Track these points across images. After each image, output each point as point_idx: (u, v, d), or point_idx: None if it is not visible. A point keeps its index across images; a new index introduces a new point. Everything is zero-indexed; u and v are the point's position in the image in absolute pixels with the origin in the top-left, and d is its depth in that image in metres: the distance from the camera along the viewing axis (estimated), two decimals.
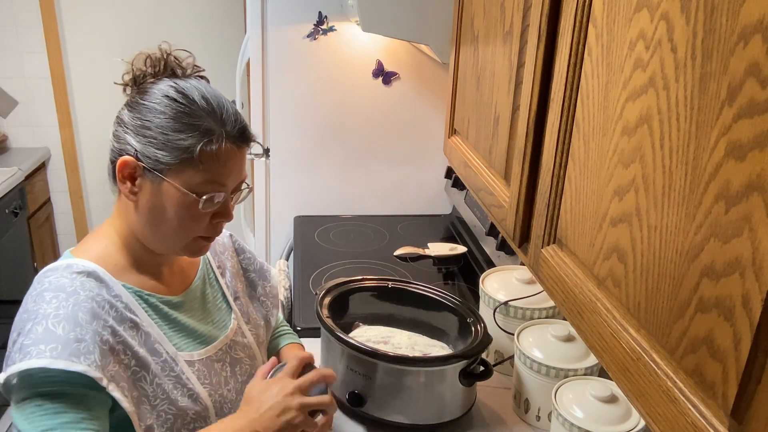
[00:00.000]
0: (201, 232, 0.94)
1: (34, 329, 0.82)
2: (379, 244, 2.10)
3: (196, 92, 0.91)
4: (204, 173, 0.89)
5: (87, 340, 0.83)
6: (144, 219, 0.93)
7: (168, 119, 0.89)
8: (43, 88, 3.08)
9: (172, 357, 0.95)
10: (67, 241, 3.33)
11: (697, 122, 0.50)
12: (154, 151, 0.89)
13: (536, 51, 0.82)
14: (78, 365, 0.80)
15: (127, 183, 0.91)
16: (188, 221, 0.92)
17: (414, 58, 2.16)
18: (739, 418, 0.45)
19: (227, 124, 0.91)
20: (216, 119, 0.90)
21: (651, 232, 0.57)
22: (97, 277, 0.90)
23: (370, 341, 1.27)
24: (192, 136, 0.88)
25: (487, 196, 1.08)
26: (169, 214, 0.91)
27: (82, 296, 0.86)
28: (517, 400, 1.32)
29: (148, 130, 0.89)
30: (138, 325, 0.92)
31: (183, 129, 0.88)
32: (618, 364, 0.62)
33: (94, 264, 0.91)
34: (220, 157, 0.89)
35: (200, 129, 0.89)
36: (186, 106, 0.90)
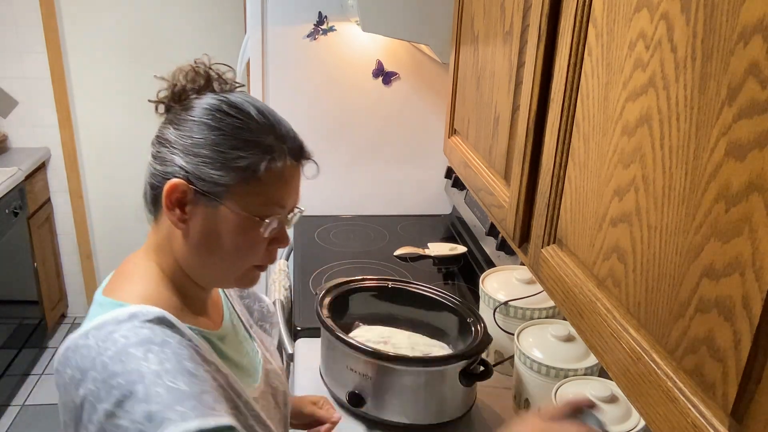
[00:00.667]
0: (257, 261, 0.85)
1: (154, 391, 0.70)
2: (379, 244, 2.10)
3: (251, 106, 0.82)
4: (266, 194, 0.80)
5: (210, 390, 0.74)
6: (195, 249, 0.82)
7: (224, 136, 0.79)
8: (43, 88, 3.08)
9: (247, 397, 0.85)
10: (67, 241, 3.33)
11: (697, 122, 0.50)
12: (209, 171, 0.78)
13: (536, 51, 0.82)
14: (224, 417, 0.72)
15: (176, 210, 0.80)
16: (246, 249, 0.82)
17: (414, 58, 2.16)
18: (739, 418, 0.45)
19: (288, 140, 0.83)
20: (276, 134, 0.82)
21: (651, 232, 0.57)
22: (169, 324, 0.78)
23: (370, 341, 1.27)
24: (253, 154, 0.79)
25: (487, 196, 1.08)
26: (225, 241, 0.81)
27: (174, 344, 0.75)
28: (517, 400, 1.31)
29: (201, 148, 0.79)
30: (218, 368, 0.82)
31: (242, 146, 0.79)
32: (618, 364, 0.62)
33: (157, 309, 0.78)
34: (284, 176, 0.81)
35: (261, 145, 0.79)
36: (243, 121, 0.80)
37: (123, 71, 3.14)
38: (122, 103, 3.18)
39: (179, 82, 0.85)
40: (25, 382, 2.93)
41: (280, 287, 1.86)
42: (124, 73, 3.14)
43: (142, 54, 3.12)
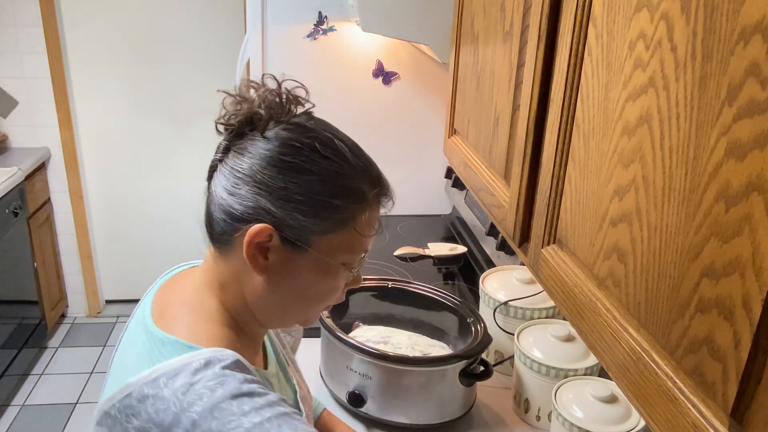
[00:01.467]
0: (333, 301, 0.81)
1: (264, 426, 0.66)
2: (379, 244, 2.10)
3: (344, 145, 0.76)
4: (357, 242, 0.76)
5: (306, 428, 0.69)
6: (274, 293, 0.77)
7: (320, 182, 0.73)
8: (43, 88, 3.08)
9: None
10: (67, 241, 3.33)
11: (697, 122, 0.50)
12: (300, 218, 0.72)
13: (536, 51, 0.82)
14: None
15: (258, 256, 0.74)
16: (328, 293, 0.78)
17: (414, 58, 2.16)
18: (739, 418, 0.45)
19: (381, 185, 0.78)
20: (370, 179, 0.77)
21: (651, 232, 0.57)
22: (243, 368, 0.72)
23: (370, 341, 1.27)
24: (351, 202, 0.74)
25: (487, 196, 1.08)
26: (308, 286, 0.76)
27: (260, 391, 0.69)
28: (517, 400, 1.32)
29: (294, 194, 0.72)
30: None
31: (339, 192, 0.73)
32: (618, 364, 0.62)
33: (231, 352, 0.72)
34: (373, 222, 0.78)
35: (358, 192, 0.75)
36: (338, 164, 0.74)
37: (123, 71, 3.14)
38: (122, 103, 3.18)
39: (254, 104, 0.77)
40: (25, 382, 2.93)
41: None
42: (124, 73, 3.14)
43: (142, 54, 3.12)
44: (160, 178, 3.31)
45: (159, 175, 3.30)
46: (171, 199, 3.34)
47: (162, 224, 3.39)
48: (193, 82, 3.12)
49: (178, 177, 3.29)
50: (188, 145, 3.23)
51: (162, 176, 3.31)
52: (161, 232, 3.40)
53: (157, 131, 3.22)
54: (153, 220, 3.39)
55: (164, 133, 3.22)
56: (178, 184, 3.30)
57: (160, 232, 3.40)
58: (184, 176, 3.27)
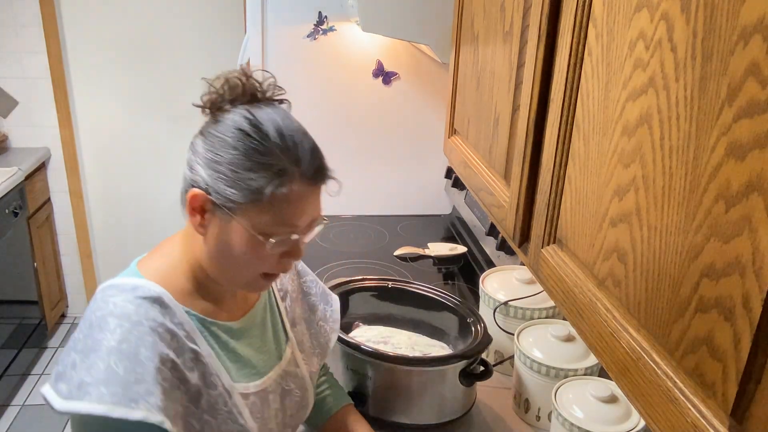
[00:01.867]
0: (271, 270, 0.89)
1: (96, 365, 0.79)
2: (379, 244, 2.10)
3: (272, 126, 0.84)
4: (274, 215, 0.83)
5: (148, 381, 0.79)
6: (210, 253, 0.88)
7: (240, 156, 0.83)
8: (43, 88, 3.08)
9: (228, 390, 0.90)
10: (67, 241, 3.33)
11: (697, 122, 0.50)
12: (224, 187, 0.83)
13: (536, 51, 0.82)
14: (136, 411, 0.77)
15: (197, 216, 0.86)
16: (255, 261, 0.86)
17: (414, 58, 2.16)
18: (739, 418, 0.45)
19: (302, 163, 0.84)
20: (290, 157, 0.83)
21: (651, 232, 0.57)
22: (162, 303, 0.86)
23: (370, 341, 1.27)
24: (263, 177, 0.82)
25: (487, 196, 1.08)
26: (235, 252, 0.86)
27: (146, 327, 0.82)
28: (517, 400, 1.32)
29: (220, 165, 0.84)
30: (198, 355, 0.88)
31: (254, 168, 0.82)
32: (618, 364, 0.62)
33: (160, 288, 0.87)
34: (292, 199, 0.83)
35: (272, 169, 0.82)
36: (259, 143, 0.83)
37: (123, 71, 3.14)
38: (122, 102, 3.18)
39: (218, 90, 0.88)
40: (25, 382, 2.93)
41: None
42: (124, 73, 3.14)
43: (141, 54, 3.12)
44: (160, 178, 3.31)
45: (159, 175, 3.31)
46: (171, 198, 3.34)
47: (162, 224, 3.39)
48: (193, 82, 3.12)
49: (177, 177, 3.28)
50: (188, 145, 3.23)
51: (162, 176, 3.31)
52: (161, 231, 3.40)
53: (157, 131, 3.22)
54: (153, 220, 3.39)
55: (164, 133, 3.22)
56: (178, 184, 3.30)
57: (160, 232, 3.40)
58: None
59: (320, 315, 1.14)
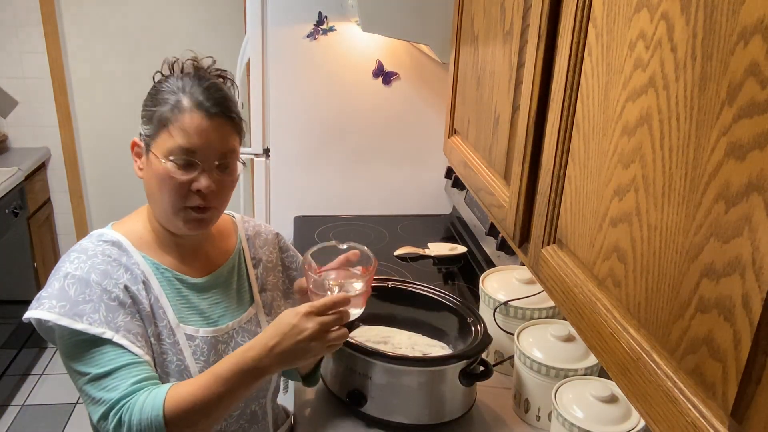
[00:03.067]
0: (186, 202, 1.00)
1: (52, 284, 0.96)
2: (379, 244, 2.10)
3: (177, 75, 1.03)
4: (174, 140, 0.97)
5: (94, 300, 0.95)
6: (148, 193, 1.04)
7: (150, 96, 1.02)
8: (43, 88, 3.08)
9: (172, 326, 1.03)
10: (67, 241, 3.33)
11: (697, 122, 0.50)
12: (142, 127, 1.02)
13: (536, 51, 0.82)
14: (78, 324, 0.93)
15: (136, 161, 1.05)
16: (168, 191, 0.99)
17: (414, 58, 2.16)
18: (739, 418, 0.45)
19: (197, 95, 0.99)
20: (187, 90, 0.99)
21: (651, 232, 0.57)
22: (120, 246, 1.03)
23: (370, 341, 1.27)
24: (163, 107, 0.98)
25: (487, 196, 1.08)
26: (156, 184, 1.00)
27: (99, 259, 0.99)
28: (517, 400, 1.32)
29: (142, 111, 1.02)
30: (149, 287, 1.02)
31: (158, 102, 1.00)
32: (618, 364, 0.62)
33: (120, 235, 1.04)
34: (186, 125, 0.97)
35: (170, 101, 0.98)
36: (163, 83, 1.02)
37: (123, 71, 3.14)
38: (122, 103, 3.18)
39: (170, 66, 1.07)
40: (25, 382, 2.93)
41: None
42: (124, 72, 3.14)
43: (141, 54, 3.12)
44: None
45: None
46: None
47: None
48: None
49: None
50: None
51: None
52: None
53: None
54: None
55: None
56: None
57: None
58: None
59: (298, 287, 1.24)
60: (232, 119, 1.02)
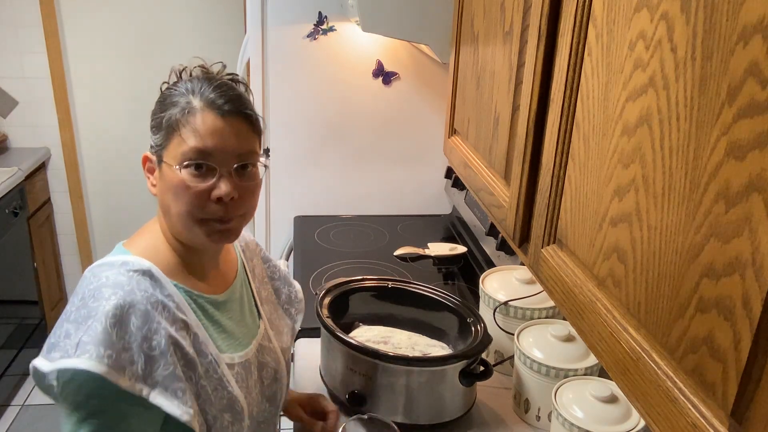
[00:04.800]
0: (206, 213, 0.91)
1: (94, 327, 0.82)
2: (379, 244, 2.10)
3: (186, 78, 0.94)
4: (187, 144, 0.89)
5: (133, 349, 0.83)
6: (163, 209, 0.94)
7: (158, 103, 0.94)
8: (43, 88, 3.07)
9: (216, 359, 0.95)
10: (67, 241, 3.33)
11: (697, 122, 0.50)
12: (153, 137, 0.93)
13: (536, 51, 0.82)
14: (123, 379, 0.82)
15: (149, 177, 0.96)
16: (186, 202, 0.90)
17: (414, 58, 2.16)
18: (739, 418, 0.45)
19: (208, 94, 0.91)
20: (197, 91, 0.91)
21: (651, 232, 0.57)
22: (152, 276, 0.91)
23: (370, 341, 1.27)
24: (173, 110, 0.90)
25: (487, 196, 1.08)
26: (172, 197, 0.91)
27: (138, 297, 0.86)
28: (517, 400, 1.32)
29: (151, 120, 0.94)
30: (188, 325, 0.92)
31: (167, 107, 0.91)
32: (618, 364, 0.62)
33: (148, 262, 0.92)
34: (198, 126, 0.89)
35: (180, 104, 0.90)
36: (171, 89, 0.93)
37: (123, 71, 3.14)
38: (122, 103, 3.18)
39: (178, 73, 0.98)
40: (25, 382, 2.92)
41: None
42: (124, 72, 3.14)
43: (141, 54, 3.12)
44: None
45: None
46: None
47: None
48: None
49: None
50: None
51: None
52: None
53: None
54: None
55: None
56: None
57: None
58: None
59: (284, 299, 1.21)
60: (248, 117, 0.93)
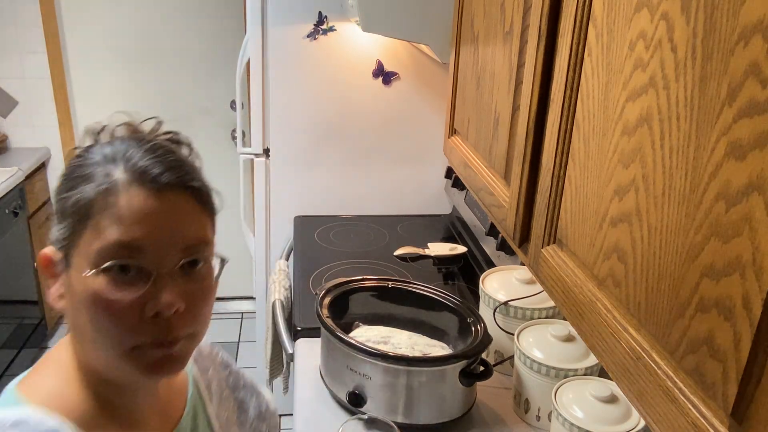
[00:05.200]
0: (138, 338, 0.62)
1: None
2: (379, 244, 2.10)
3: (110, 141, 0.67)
4: (106, 237, 0.60)
5: None
6: (73, 330, 0.67)
7: (64, 180, 0.66)
8: (43, 88, 3.07)
9: None
10: None
11: (697, 122, 0.50)
12: (55, 228, 0.65)
13: (536, 51, 0.82)
14: None
15: (51, 286, 0.66)
16: (107, 321, 0.61)
17: (414, 58, 2.16)
18: (739, 418, 0.45)
19: (137, 161, 0.62)
20: (121, 157, 0.63)
21: (651, 232, 0.57)
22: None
23: (370, 341, 1.27)
24: (85, 187, 0.62)
25: (487, 196, 1.08)
26: (87, 315, 0.62)
27: None
28: (517, 400, 1.32)
29: (54, 205, 0.67)
30: None
31: (76, 184, 0.63)
32: (618, 365, 0.62)
33: (54, 418, 0.62)
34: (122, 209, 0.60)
35: (96, 177, 0.62)
36: (83, 157, 0.65)
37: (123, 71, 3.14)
38: (122, 103, 3.18)
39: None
40: None
41: (280, 287, 1.86)
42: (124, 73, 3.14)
43: (142, 54, 3.12)
44: None
45: None
46: None
47: None
48: (193, 82, 3.12)
49: None
50: None
51: None
52: None
53: None
54: None
55: None
56: None
57: None
58: None
59: (253, 415, 0.92)
60: (196, 192, 0.65)
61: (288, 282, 1.91)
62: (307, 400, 1.33)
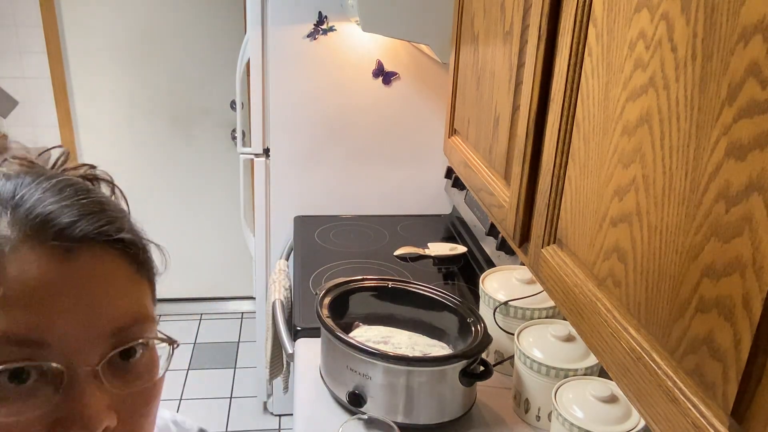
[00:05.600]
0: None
1: None
2: (379, 244, 2.10)
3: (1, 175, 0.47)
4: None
5: None
6: None
7: None
8: (43, 88, 3.07)
9: None
10: None
11: (697, 122, 0.50)
12: None
13: (536, 51, 0.82)
14: None
15: None
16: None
17: (414, 58, 2.16)
18: (740, 418, 0.45)
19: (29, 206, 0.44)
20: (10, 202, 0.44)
21: (651, 232, 0.57)
22: None
23: (370, 341, 1.27)
24: None
25: (487, 196, 1.08)
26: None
27: None
28: (517, 400, 1.32)
29: None
30: None
31: None
32: (618, 364, 0.62)
33: None
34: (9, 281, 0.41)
35: None
36: None
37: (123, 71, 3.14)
38: (122, 103, 3.18)
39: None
40: None
41: (280, 287, 1.86)
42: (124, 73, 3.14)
43: (142, 54, 3.12)
44: (160, 179, 3.31)
45: (159, 176, 3.30)
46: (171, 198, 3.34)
47: (161, 224, 3.39)
48: (193, 82, 3.12)
49: (177, 176, 3.29)
50: (188, 146, 3.23)
51: (162, 176, 3.31)
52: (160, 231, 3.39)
53: (157, 132, 3.21)
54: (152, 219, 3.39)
55: (164, 134, 3.22)
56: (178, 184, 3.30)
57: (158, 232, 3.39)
58: (184, 176, 3.27)
59: None
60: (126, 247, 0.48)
61: (288, 282, 1.91)
62: (307, 400, 1.33)
